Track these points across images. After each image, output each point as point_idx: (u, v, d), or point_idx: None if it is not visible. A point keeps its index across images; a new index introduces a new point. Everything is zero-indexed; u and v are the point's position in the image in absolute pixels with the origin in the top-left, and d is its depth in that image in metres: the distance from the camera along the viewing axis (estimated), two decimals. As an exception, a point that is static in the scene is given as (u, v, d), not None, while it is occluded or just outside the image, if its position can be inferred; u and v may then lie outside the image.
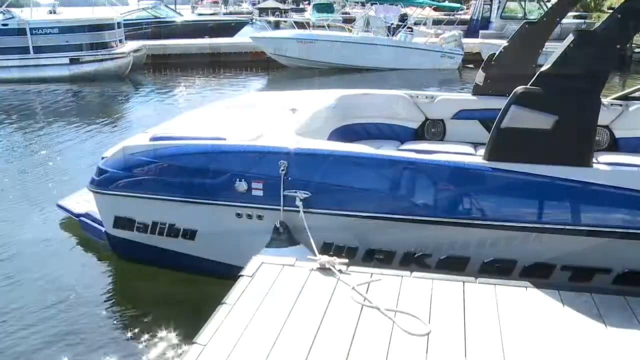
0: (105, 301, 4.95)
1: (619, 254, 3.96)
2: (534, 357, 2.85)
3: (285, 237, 4.22)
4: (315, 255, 3.78)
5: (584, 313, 3.25)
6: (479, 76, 6.45)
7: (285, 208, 4.19)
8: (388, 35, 21.85)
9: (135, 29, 25.85)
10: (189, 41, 23.93)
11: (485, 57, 6.44)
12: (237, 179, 4.25)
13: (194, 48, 23.10)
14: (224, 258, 4.58)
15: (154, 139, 4.66)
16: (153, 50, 21.64)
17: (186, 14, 38.52)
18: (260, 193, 4.25)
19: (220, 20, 33.97)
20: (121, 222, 4.83)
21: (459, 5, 28.05)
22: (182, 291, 5.05)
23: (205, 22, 32.53)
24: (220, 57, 22.92)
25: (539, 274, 4.06)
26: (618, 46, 3.90)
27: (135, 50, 19.40)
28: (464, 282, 3.54)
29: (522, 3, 27.33)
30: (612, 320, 3.18)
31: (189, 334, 3.69)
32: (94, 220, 5.54)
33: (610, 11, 3.85)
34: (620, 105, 6.18)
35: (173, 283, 5.09)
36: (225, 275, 3.92)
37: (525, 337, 3.02)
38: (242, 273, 3.62)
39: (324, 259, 3.67)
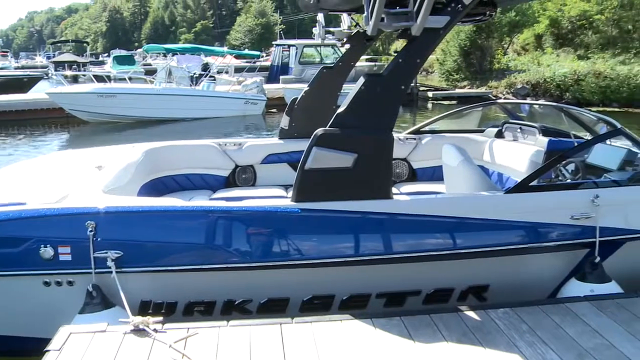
0: None
1: (426, 275, 4.24)
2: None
3: (99, 300, 3.96)
4: (128, 317, 3.61)
5: (396, 335, 3.46)
6: (284, 120, 6.70)
7: (97, 270, 3.95)
8: (191, 85, 21.92)
9: None
10: (-26, 100, 21.98)
11: (288, 101, 6.73)
12: (42, 245, 3.94)
13: (-20, 107, 21.24)
14: (34, 332, 4.18)
15: None
16: None
17: (-31, 70, 35.60)
18: (69, 257, 3.97)
19: (10, 75, 31.73)
20: None
21: (258, 53, 29.24)
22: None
23: (-7, 77, 30.22)
24: (13, 116, 21.12)
25: (356, 304, 4.23)
26: (402, 87, 4.21)
27: None
28: (281, 325, 3.58)
29: (318, 49, 29.05)
30: (420, 338, 3.42)
31: None
32: None
33: (395, 54, 4.23)
34: (415, 139, 6.86)
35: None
36: (36, 351, 3.59)
37: (344, 369, 3.13)
38: (48, 348, 3.34)
39: (137, 319, 3.50)
